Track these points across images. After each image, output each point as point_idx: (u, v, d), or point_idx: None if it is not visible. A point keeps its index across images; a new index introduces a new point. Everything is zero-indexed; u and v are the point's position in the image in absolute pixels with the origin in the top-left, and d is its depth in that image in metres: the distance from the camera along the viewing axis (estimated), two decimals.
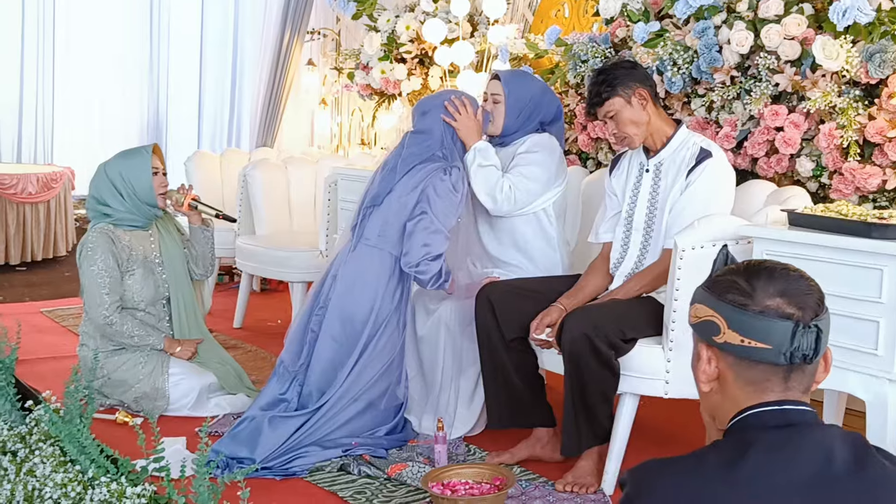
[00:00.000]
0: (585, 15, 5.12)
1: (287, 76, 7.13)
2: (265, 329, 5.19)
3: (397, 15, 5.51)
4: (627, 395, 3.05)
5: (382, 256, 3.42)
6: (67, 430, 2.71)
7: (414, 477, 3.08)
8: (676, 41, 3.79)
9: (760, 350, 1.44)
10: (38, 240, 6.65)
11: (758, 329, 1.44)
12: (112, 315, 3.58)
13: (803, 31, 3.44)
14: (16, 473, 2.68)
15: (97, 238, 3.61)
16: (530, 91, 3.60)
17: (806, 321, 1.44)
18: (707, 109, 3.80)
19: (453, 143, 3.50)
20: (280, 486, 3.05)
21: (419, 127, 3.53)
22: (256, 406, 3.37)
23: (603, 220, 3.40)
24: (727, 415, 1.50)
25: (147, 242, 3.76)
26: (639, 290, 3.16)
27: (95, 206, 3.71)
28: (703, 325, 1.50)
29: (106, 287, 3.58)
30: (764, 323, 1.43)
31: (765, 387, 1.47)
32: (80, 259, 3.64)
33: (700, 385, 1.54)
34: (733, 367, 1.48)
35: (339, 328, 3.38)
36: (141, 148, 3.77)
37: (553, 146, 3.57)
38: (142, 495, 2.50)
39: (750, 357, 1.45)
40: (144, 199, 3.68)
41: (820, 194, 3.52)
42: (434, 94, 3.78)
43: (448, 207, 3.38)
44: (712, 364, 1.51)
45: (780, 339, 1.43)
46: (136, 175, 3.66)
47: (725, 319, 1.46)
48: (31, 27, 7.61)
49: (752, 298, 1.45)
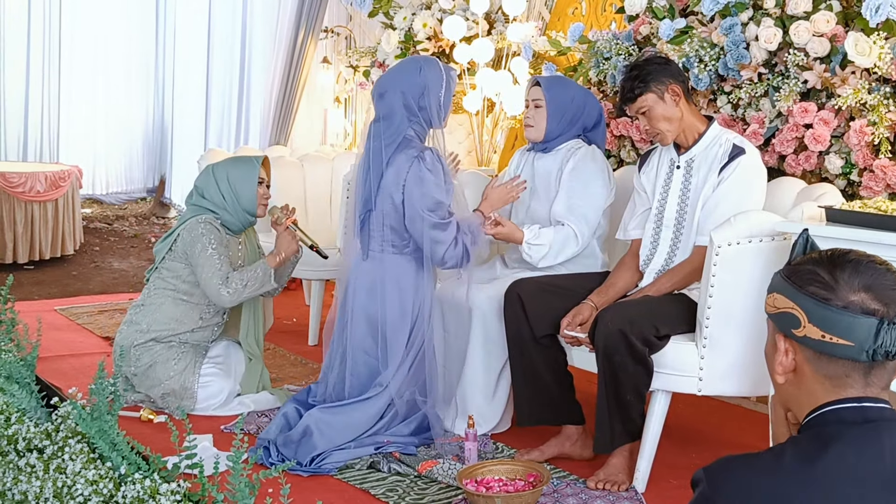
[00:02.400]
0: (603, 13, 5.10)
1: (301, 74, 7.11)
2: (281, 327, 5.16)
3: (414, 13, 5.48)
4: (660, 392, 3.03)
5: (395, 260, 3.37)
6: (97, 426, 2.68)
7: (445, 474, 3.05)
8: (703, 38, 3.77)
9: (842, 347, 1.40)
10: (46, 238, 6.61)
11: (840, 325, 1.39)
12: (234, 293, 3.55)
13: (832, 28, 3.42)
14: (44, 470, 2.65)
15: (208, 226, 3.61)
16: (571, 95, 3.57)
17: (891, 317, 1.39)
18: (733, 107, 3.78)
19: (419, 109, 3.32)
20: (311, 484, 3.02)
21: (380, 112, 3.37)
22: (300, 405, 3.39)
23: (632, 216, 3.38)
24: (803, 408, 1.47)
25: (236, 248, 3.76)
26: (671, 286, 3.14)
27: (199, 199, 3.72)
28: (781, 316, 1.46)
29: (223, 269, 3.56)
30: (847, 319, 1.39)
31: (845, 382, 1.43)
32: (192, 245, 3.58)
33: (775, 377, 1.50)
34: (811, 362, 1.44)
35: (369, 340, 3.36)
36: (252, 157, 3.82)
37: (597, 160, 3.54)
38: (176, 492, 2.46)
39: (830, 353, 1.41)
40: (245, 206, 3.69)
41: (848, 192, 3.50)
42: (389, 69, 3.57)
43: (434, 189, 3.26)
44: (789, 356, 1.47)
45: (863, 337, 1.39)
46: (243, 182, 3.69)
47: (806, 313, 1.42)
48: (38, 25, 7.59)
49: (835, 292, 1.40)
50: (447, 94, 3.38)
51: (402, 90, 3.31)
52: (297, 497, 2.85)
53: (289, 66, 7.14)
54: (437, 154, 3.32)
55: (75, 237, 6.94)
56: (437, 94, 3.34)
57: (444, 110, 3.39)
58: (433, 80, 3.33)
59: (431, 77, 3.33)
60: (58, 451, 2.73)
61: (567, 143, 3.58)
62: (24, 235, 6.45)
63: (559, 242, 3.43)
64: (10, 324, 3.56)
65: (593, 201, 3.47)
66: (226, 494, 2.31)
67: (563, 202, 3.48)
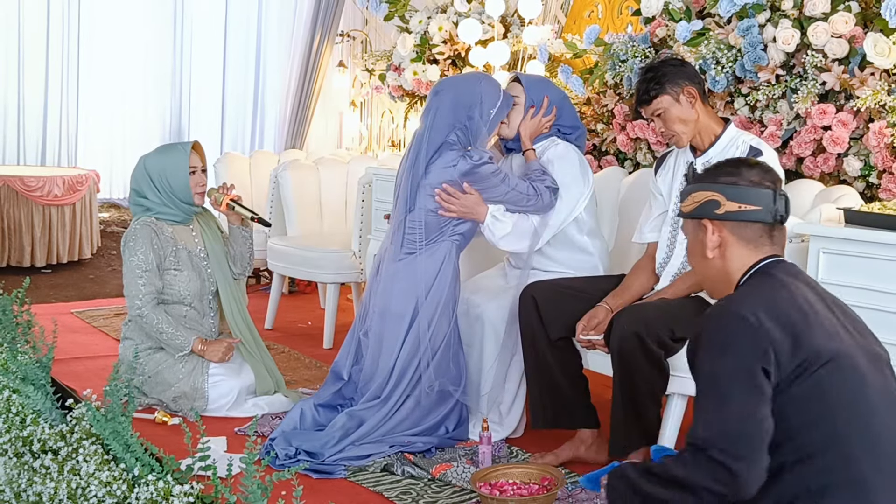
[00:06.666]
0: (619, 16, 5.08)
1: (317, 78, 7.12)
2: (296, 330, 5.17)
3: (429, 16, 5.48)
4: (676, 395, 3.00)
5: (426, 256, 3.37)
6: (111, 427, 2.68)
7: (459, 477, 3.04)
8: (720, 40, 3.74)
9: (754, 212, 1.96)
10: (64, 242, 6.64)
11: (749, 196, 1.97)
12: (145, 307, 3.57)
13: (851, 29, 3.39)
14: (58, 472, 2.65)
15: (139, 230, 3.61)
16: (549, 95, 3.54)
17: (779, 189, 1.99)
18: (750, 109, 3.76)
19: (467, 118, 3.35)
20: (324, 486, 3.01)
21: (431, 108, 3.39)
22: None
23: (648, 219, 3.36)
24: (734, 274, 2.00)
25: (189, 236, 3.74)
26: (687, 289, 3.11)
27: (136, 198, 3.71)
28: (704, 205, 2.00)
29: (143, 278, 3.58)
30: (753, 190, 1.97)
31: (760, 243, 1.99)
32: (123, 249, 3.66)
33: (706, 253, 2.01)
34: (733, 232, 1.99)
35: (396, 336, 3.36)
36: (179, 144, 3.76)
37: (569, 157, 3.50)
38: (189, 494, 2.46)
39: (746, 219, 1.97)
40: (180, 196, 3.66)
41: (867, 194, 3.47)
42: (454, 75, 3.65)
43: (493, 183, 3.34)
44: (716, 234, 2.01)
45: (766, 201, 1.97)
46: (173, 172, 3.64)
47: (723, 194, 1.98)
48: (56, 32, 7.63)
49: (740, 176, 1.99)
50: (497, 115, 3.41)
51: (456, 92, 3.38)
52: (309, 499, 2.83)
53: (304, 70, 7.15)
54: (479, 152, 3.36)
55: (92, 241, 6.97)
56: (489, 110, 3.38)
57: (489, 128, 3.41)
58: (489, 95, 3.39)
59: (488, 92, 3.39)
60: (72, 452, 2.73)
61: (542, 141, 3.55)
62: (42, 239, 6.49)
63: (521, 228, 3.41)
64: (27, 326, 3.57)
65: (562, 203, 3.43)
66: (238, 496, 2.31)
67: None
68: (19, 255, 6.40)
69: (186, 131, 8.19)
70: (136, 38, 7.93)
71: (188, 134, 8.17)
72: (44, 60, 7.58)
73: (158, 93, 8.04)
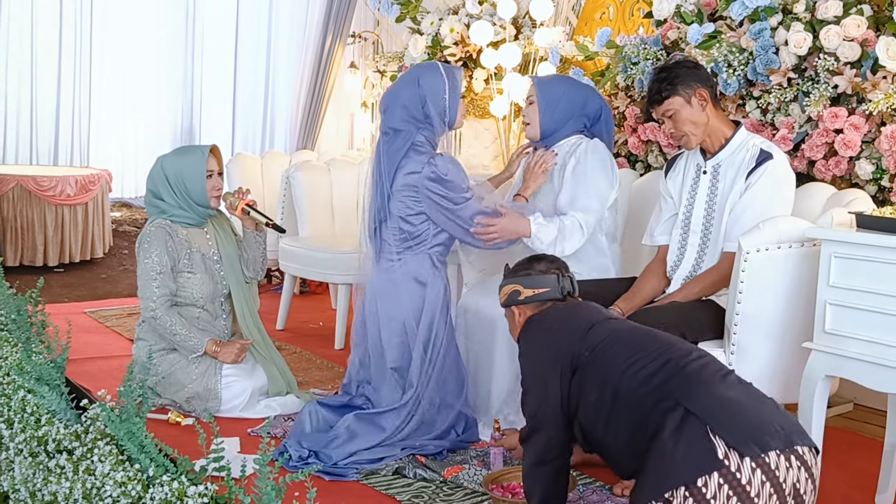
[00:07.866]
0: (631, 18, 5.09)
1: (328, 79, 7.14)
2: (308, 331, 5.18)
3: (441, 18, 5.49)
4: None
5: (408, 262, 3.37)
6: (126, 428, 2.70)
7: (471, 480, 3.05)
8: (731, 42, 3.75)
9: (545, 293, 2.66)
10: (76, 241, 6.67)
11: (539, 282, 2.67)
12: (159, 309, 3.59)
13: (863, 32, 3.39)
14: (73, 472, 2.67)
15: (154, 232, 3.63)
16: (562, 90, 3.55)
17: (563, 273, 2.69)
18: (762, 112, 3.76)
19: (424, 118, 3.32)
20: (336, 488, 3.03)
21: (386, 126, 3.37)
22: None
23: (658, 222, 3.36)
24: None
25: (204, 239, 3.76)
26: (698, 292, 3.12)
27: (151, 199, 3.73)
28: (510, 295, 2.71)
29: (157, 281, 3.60)
30: (542, 278, 2.67)
31: None
32: (137, 251, 3.67)
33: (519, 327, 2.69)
34: (534, 309, 2.67)
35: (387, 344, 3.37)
36: (198, 147, 3.76)
37: (598, 152, 3.49)
38: (203, 494, 2.48)
39: (540, 299, 2.67)
40: (196, 198, 3.68)
41: (879, 197, 3.47)
42: (392, 84, 3.56)
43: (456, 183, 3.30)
44: (522, 315, 2.69)
45: (552, 284, 2.66)
46: (190, 174, 3.66)
47: (521, 284, 2.68)
48: (69, 32, 7.67)
49: (531, 269, 2.70)
50: (453, 95, 3.36)
51: (403, 104, 3.33)
52: (322, 501, 2.84)
53: (316, 71, 7.18)
54: (448, 157, 3.34)
55: (104, 240, 7.00)
56: (441, 99, 3.33)
57: (451, 112, 3.37)
58: (433, 88, 3.33)
59: (431, 85, 3.33)
60: (87, 452, 2.75)
61: (568, 138, 3.56)
62: (55, 238, 6.53)
63: (567, 228, 3.38)
64: (41, 326, 3.59)
65: (596, 192, 3.43)
66: (252, 497, 2.32)
67: (566, 196, 3.47)
68: (32, 255, 6.44)
69: (198, 131, 8.23)
70: (148, 38, 7.97)
71: (199, 134, 8.20)
72: (56, 61, 7.62)
73: (170, 93, 8.08)
